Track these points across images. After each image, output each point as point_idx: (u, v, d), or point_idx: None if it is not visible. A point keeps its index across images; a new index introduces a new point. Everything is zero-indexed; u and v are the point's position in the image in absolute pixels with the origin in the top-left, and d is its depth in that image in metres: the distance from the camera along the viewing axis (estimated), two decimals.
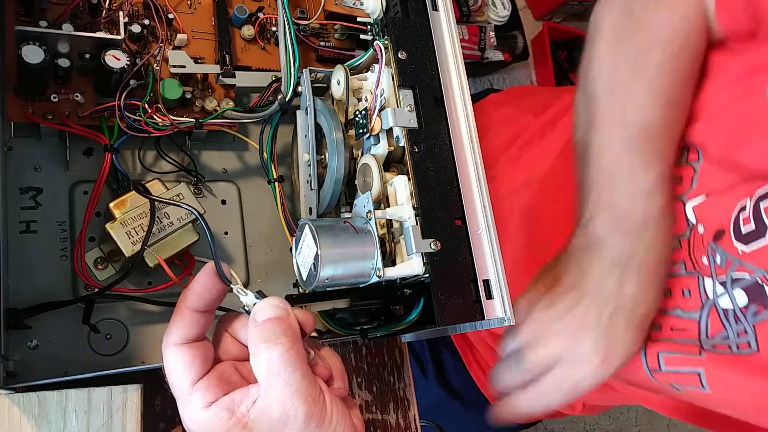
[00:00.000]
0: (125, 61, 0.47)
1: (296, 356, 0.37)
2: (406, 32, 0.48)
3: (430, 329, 0.49)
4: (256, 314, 0.39)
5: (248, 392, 0.38)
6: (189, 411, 0.38)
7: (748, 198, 0.48)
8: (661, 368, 0.53)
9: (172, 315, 0.39)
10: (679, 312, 0.52)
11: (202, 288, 0.40)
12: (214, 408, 0.37)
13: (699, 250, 0.51)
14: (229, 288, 0.40)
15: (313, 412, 0.37)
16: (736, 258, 0.48)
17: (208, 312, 0.40)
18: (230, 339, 0.42)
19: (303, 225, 0.44)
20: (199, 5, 0.55)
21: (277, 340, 0.37)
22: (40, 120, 0.47)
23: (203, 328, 0.40)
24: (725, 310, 0.49)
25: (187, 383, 0.38)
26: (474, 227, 0.45)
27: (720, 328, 0.50)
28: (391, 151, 0.46)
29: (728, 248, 0.48)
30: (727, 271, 0.49)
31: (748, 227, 0.47)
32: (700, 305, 0.51)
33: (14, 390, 0.44)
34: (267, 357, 0.37)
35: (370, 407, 0.59)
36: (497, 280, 0.44)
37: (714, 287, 0.50)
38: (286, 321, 0.39)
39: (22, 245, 0.48)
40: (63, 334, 0.47)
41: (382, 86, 0.46)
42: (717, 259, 0.49)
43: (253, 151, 0.59)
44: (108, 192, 0.50)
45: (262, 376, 0.37)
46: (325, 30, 0.59)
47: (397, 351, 0.61)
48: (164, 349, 0.39)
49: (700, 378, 0.50)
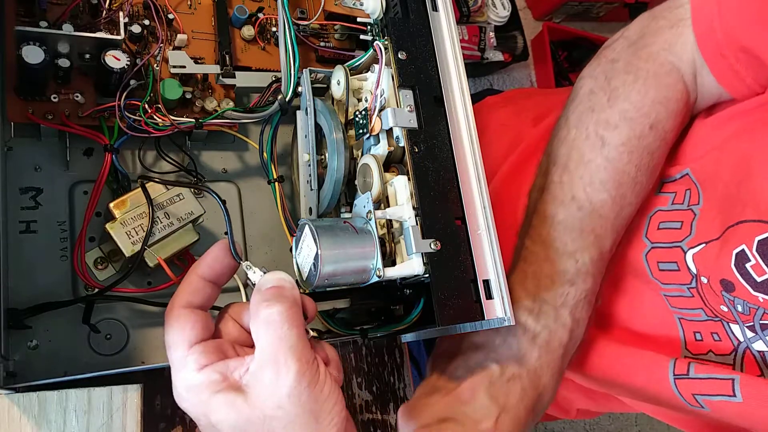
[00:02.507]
0: (125, 62, 0.47)
1: (294, 316, 0.38)
2: (406, 32, 0.48)
3: (430, 329, 0.49)
4: (261, 284, 0.40)
5: (243, 361, 0.38)
6: (183, 375, 0.38)
7: (744, 245, 0.47)
8: (689, 374, 0.51)
9: (182, 281, 0.41)
10: (712, 356, 0.51)
11: (213, 259, 0.41)
12: (207, 370, 0.37)
13: (713, 299, 0.50)
14: (238, 263, 0.41)
15: (305, 372, 0.37)
16: (759, 307, 0.47)
17: (215, 285, 0.41)
18: (232, 322, 0.42)
19: (303, 225, 0.44)
20: (199, 5, 0.55)
21: (277, 300, 0.38)
22: (40, 120, 0.47)
23: (208, 299, 0.41)
24: (761, 353, 0.48)
25: (184, 345, 0.38)
26: (474, 227, 0.45)
27: (757, 371, 0.49)
28: (391, 151, 0.46)
29: (748, 299, 0.47)
30: (753, 317, 0.48)
31: (763, 277, 0.46)
32: (732, 348, 0.50)
33: (14, 390, 0.44)
34: (266, 313, 0.37)
35: (370, 407, 0.59)
36: (497, 280, 0.44)
37: (743, 332, 0.49)
38: (288, 289, 0.39)
39: (22, 245, 0.48)
40: (63, 334, 0.47)
41: (382, 86, 0.47)
42: (738, 308, 0.49)
43: (253, 151, 0.59)
44: (108, 192, 0.50)
45: (259, 332, 0.37)
46: (325, 30, 0.59)
47: (397, 351, 0.61)
48: (168, 312, 0.40)
49: (734, 385, 0.49)
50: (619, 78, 0.54)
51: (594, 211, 0.52)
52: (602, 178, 0.52)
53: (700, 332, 0.52)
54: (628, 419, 1.80)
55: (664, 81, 0.53)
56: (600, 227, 0.52)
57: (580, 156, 0.54)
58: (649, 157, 0.53)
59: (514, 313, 0.48)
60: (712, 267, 0.49)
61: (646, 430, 1.81)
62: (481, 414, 0.48)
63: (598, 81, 0.56)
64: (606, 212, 0.52)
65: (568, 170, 0.54)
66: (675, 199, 0.55)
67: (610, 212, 0.52)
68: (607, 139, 0.53)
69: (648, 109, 0.53)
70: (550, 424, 1.67)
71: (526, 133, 0.74)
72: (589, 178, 0.53)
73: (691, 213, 0.53)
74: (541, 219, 0.54)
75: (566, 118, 0.56)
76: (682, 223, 0.53)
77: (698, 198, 0.53)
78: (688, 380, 0.51)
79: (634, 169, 0.52)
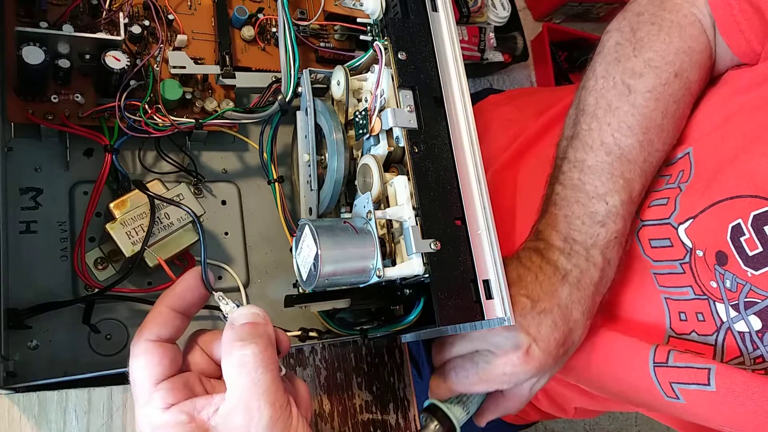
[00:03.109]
0: (125, 62, 0.47)
1: (269, 359, 0.36)
2: (405, 33, 0.48)
3: (430, 329, 0.49)
4: (234, 319, 0.38)
5: (211, 400, 0.37)
6: (147, 412, 0.36)
7: (740, 219, 0.48)
8: (668, 362, 0.52)
9: (149, 312, 0.39)
10: (695, 336, 0.52)
11: (185, 288, 0.40)
12: (173, 410, 0.36)
13: (705, 274, 0.51)
14: (210, 294, 0.40)
15: (278, 418, 0.36)
16: (747, 282, 0.48)
17: (185, 316, 0.40)
18: (200, 352, 0.41)
19: (303, 225, 0.44)
20: (199, 6, 0.55)
21: (252, 339, 0.37)
22: (41, 120, 0.47)
23: (177, 331, 0.39)
24: (741, 333, 0.49)
25: (150, 381, 0.37)
26: (474, 227, 0.45)
27: (736, 352, 0.49)
28: (391, 151, 0.46)
29: (738, 273, 0.48)
30: (738, 295, 0.49)
31: (755, 251, 0.47)
32: (715, 329, 0.51)
33: (14, 390, 0.44)
34: (239, 354, 0.36)
35: (370, 407, 0.59)
36: (497, 280, 0.44)
37: (727, 311, 0.50)
38: (262, 326, 0.38)
39: (22, 245, 0.48)
40: (63, 334, 0.47)
41: (382, 87, 0.47)
42: (727, 284, 0.49)
43: (253, 151, 0.59)
44: (108, 192, 0.50)
45: (232, 373, 0.36)
46: (325, 31, 0.59)
47: (397, 351, 0.61)
48: (134, 344, 0.38)
49: (709, 374, 0.50)
50: (644, 29, 0.56)
51: (622, 156, 0.53)
52: (629, 124, 0.53)
53: (685, 312, 0.53)
54: (628, 419, 1.80)
55: (688, 32, 0.55)
56: (629, 171, 0.53)
57: (608, 104, 0.55)
58: (675, 106, 0.54)
59: (546, 253, 0.51)
60: (709, 239, 0.50)
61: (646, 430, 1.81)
62: (513, 344, 0.49)
63: (623, 33, 0.57)
64: (634, 157, 0.53)
65: (596, 118, 0.55)
66: (668, 181, 0.56)
67: (638, 156, 0.53)
68: (633, 86, 0.54)
69: (672, 57, 0.54)
70: (549, 423, 1.67)
71: (530, 125, 0.74)
72: (617, 124, 0.54)
73: (677, 189, 0.54)
74: (570, 165, 0.55)
75: (593, 69, 0.58)
76: (668, 199, 0.54)
77: (688, 176, 0.54)
78: (666, 368, 0.52)
79: (660, 116, 0.54)
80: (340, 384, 0.58)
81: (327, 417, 0.57)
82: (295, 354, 0.57)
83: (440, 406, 0.55)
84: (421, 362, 0.84)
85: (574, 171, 0.54)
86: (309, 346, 0.57)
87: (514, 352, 0.49)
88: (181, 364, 0.39)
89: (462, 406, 0.56)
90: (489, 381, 0.52)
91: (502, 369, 0.50)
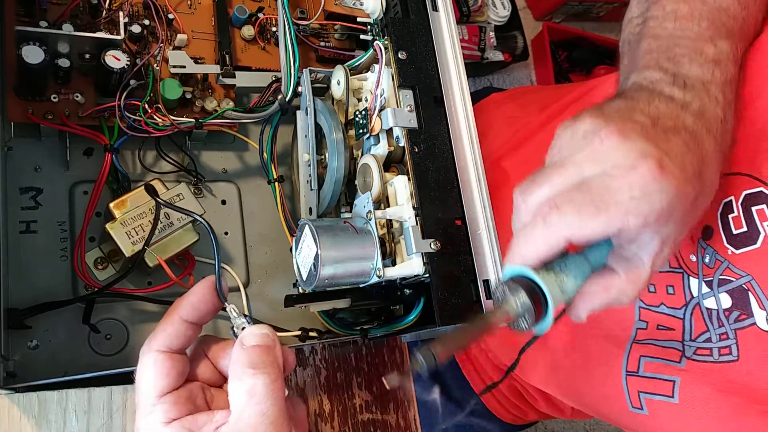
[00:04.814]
0: (125, 62, 0.47)
1: (279, 390, 0.37)
2: (406, 32, 0.48)
3: (430, 329, 0.49)
4: (244, 338, 0.38)
5: (212, 417, 0.37)
6: (148, 423, 0.37)
7: (732, 196, 0.47)
8: (639, 371, 0.52)
9: (161, 320, 0.39)
10: (664, 308, 0.52)
11: (199, 299, 0.39)
12: (175, 425, 0.36)
13: (686, 246, 0.50)
14: (223, 306, 0.40)
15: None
16: (725, 260, 0.47)
17: (197, 325, 0.40)
18: (207, 361, 0.41)
19: (303, 225, 0.44)
20: (199, 5, 0.55)
21: (264, 368, 0.37)
22: (40, 120, 0.47)
23: (188, 341, 0.39)
24: (709, 310, 0.49)
25: (155, 393, 0.37)
26: (474, 227, 0.45)
27: (703, 328, 0.49)
28: (391, 151, 0.46)
29: (719, 249, 0.48)
30: (714, 272, 0.48)
31: (740, 230, 0.46)
32: (683, 303, 0.51)
33: (14, 390, 0.44)
34: (251, 383, 0.36)
35: (370, 407, 0.59)
36: (497, 280, 0.44)
37: (700, 287, 0.49)
38: (273, 352, 0.38)
39: (22, 245, 0.48)
40: (63, 334, 0.47)
41: (382, 86, 0.47)
42: (706, 259, 0.49)
43: (253, 151, 0.59)
44: (108, 192, 0.50)
45: (240, 400, 0.36)
46: (325, 30, 0.59)
47: (397, 351, 0.61)
48: (143, 352, 0.38)
49: (674, 386, 0.50)
50: None
51: (720, 8, 0.45)
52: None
53: (654, 284, 0.52)
54: None
55: None
56: (729, 23, 0.45)
57: None
58: None
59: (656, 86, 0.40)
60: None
61: None
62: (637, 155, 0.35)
63: None
64: (733, 12, 0.45)
65: None
66: None
67: (736, 12, 0.45)
68: None
69: None
70: (549, 424, 1.67)
71: (532, 120, 0.74)
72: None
73: None
74: (658, 21, 0.45)
75: None
76: None
77: None
78: (637, 378, 0.52)
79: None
80: (340, 384, 0.58)
81: (327, 417, 0.57)
82: (295, 354, 0.57)
83: (526, 274, 0.37)
84: None
85: (667, 21, 0.45)
86: (309, 346, 0.57)
87: (642, 164, 0.35)
88: (186, 375, 0.39)
89: (554, 276, 0.38)
90: (611, 211, 0.35)
91: (628, 191, 0.35)
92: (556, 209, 0.36)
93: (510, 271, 0.38)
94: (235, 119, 0.51)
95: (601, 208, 0.35)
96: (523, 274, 0.37)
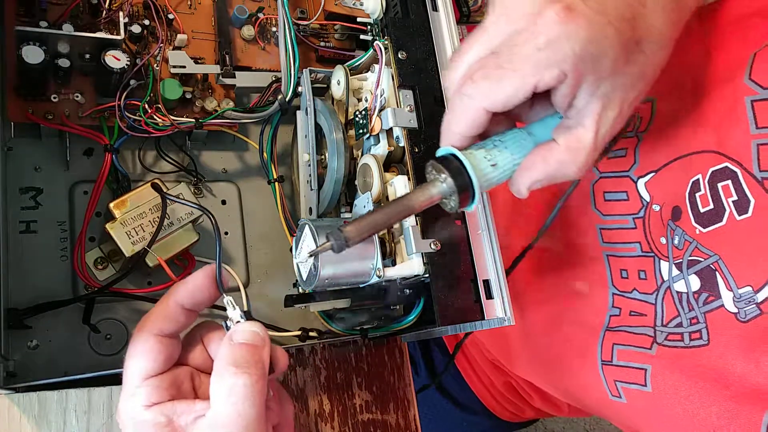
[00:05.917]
0: (125, 62, 0.47)
1: (259, 392, 0.36)
2: (406, 32, 0.48)
3: (430, 329, 0.49)
4: (234, 334, 0.38)
5: (193, 406, 0.37)
6: (130, 405, 0.37)
7: (699, 174, 0.46)
8: (613, 360, 0.52)
9: (157, 303, 0.39)
10: (636, 294, 0.52)
11: (197, 286, 0.39)
12: (154, 410, 0.36)
13: (657, 229, 0.50)
14: (221, 295, 0.40)
15: None
16: (693, 240, 0.47)
17: (192, 312, 0.40)
18: (200, 347, 0.41)
19: (303, 225, 0.44)
20: (199, 5, 0.55)
21: (247, 368, 0.36)
22: (40, 120, 0.47)
23: (181, 327, 0.39)
24: (679, 294, 0.48)
25: (140, 375, 0.37)
26: (474, 227, 0.45)
27: (674, 312, 0.49)
28: (391, 151, 0.46)
29: (687, 229, 0.47)
30: (683, 253, 0.48)
31: (706, 208, 0.46)
32: (655, 287, 0.50)
33: (14, 390, 0.44)
34: (231, 382, 0.36)
35: (370, 407, 0.59)
36: (497, 280, 0.44)
37: (670, 270, 0.49)
38: (259, 351, 0.38)
39: (22, 245, 0.48)
40: (63, 334, 0.47)
41: (382, 86, 0.47)
42: (675, 240, 0.48)
43: (253, 151, 0.59)
44: (108, 192, 0.50)
45: (219, 397, 0.36)
46: (325, 30, 0.59)
47: (397, 351, 0.61)
48: (135, 333, 0.38)
49: (646, 375, 0.49)
50: None
51: None
52: None
53: (627, 270, 0.52)
54: None
55: None
56: None
57: None
58: None
59: None
60: (669, 194, 0.49)
61: None
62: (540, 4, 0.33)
63: None
64: None
65: None
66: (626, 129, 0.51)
67: None
68: None
69: None
70: (549, 423, 1.67)
71: None
72: None
73: (635, 139, 0.51)
74: None
75: None
76: (627, 150, 0.52)
77: (646, 125, 0.51)
78: (612, 367, 0.52)
79: None
80: (340, 384, 0.58)
81: (327, 417, 0.57)
82: (295, 354, 0.57)
83: (451, 152, 0.37)
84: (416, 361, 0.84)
85: None
86: (309, 346, 0.57)
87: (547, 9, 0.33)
88: (175, 360, 0.39)
89: (484, 152, 0.37)
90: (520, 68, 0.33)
91: (533, 41, 0.33)
92: (470, 80, 0.35)
93: (439, 152, 0.38)
94: (235, 119, 0.51)
95: (508, 67, 0.33)
96: (449, 152, 0.36)
